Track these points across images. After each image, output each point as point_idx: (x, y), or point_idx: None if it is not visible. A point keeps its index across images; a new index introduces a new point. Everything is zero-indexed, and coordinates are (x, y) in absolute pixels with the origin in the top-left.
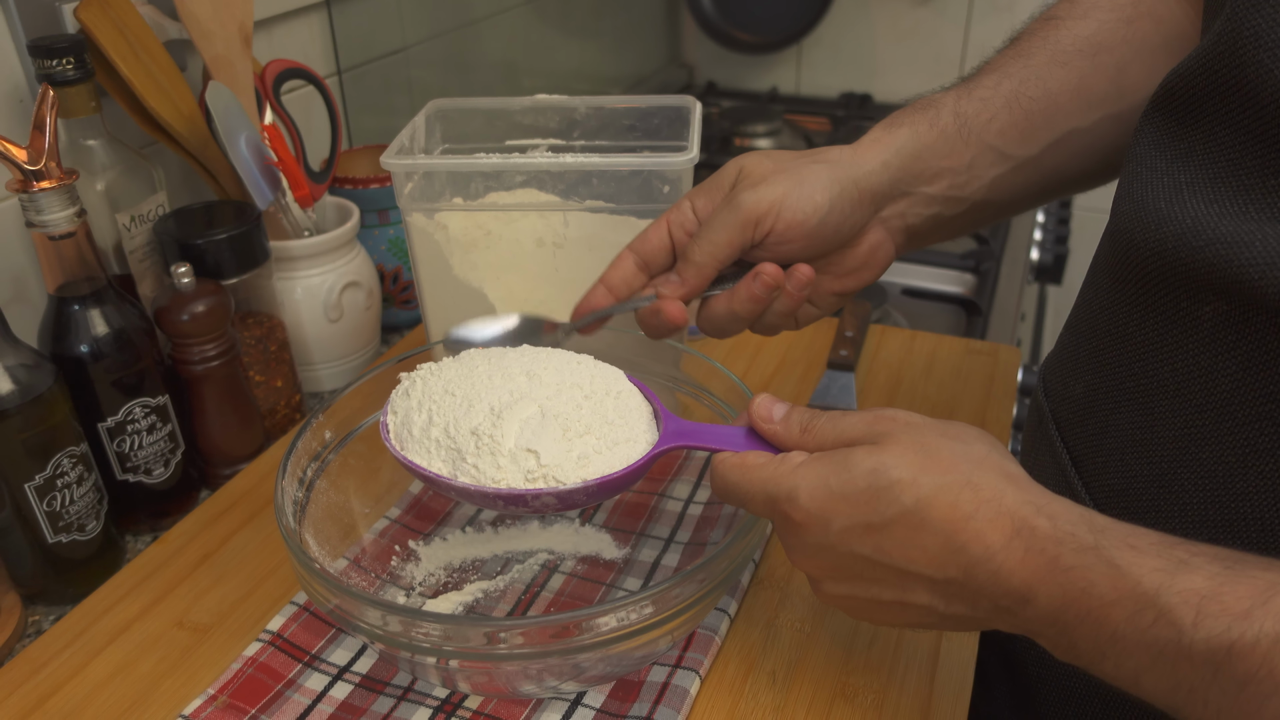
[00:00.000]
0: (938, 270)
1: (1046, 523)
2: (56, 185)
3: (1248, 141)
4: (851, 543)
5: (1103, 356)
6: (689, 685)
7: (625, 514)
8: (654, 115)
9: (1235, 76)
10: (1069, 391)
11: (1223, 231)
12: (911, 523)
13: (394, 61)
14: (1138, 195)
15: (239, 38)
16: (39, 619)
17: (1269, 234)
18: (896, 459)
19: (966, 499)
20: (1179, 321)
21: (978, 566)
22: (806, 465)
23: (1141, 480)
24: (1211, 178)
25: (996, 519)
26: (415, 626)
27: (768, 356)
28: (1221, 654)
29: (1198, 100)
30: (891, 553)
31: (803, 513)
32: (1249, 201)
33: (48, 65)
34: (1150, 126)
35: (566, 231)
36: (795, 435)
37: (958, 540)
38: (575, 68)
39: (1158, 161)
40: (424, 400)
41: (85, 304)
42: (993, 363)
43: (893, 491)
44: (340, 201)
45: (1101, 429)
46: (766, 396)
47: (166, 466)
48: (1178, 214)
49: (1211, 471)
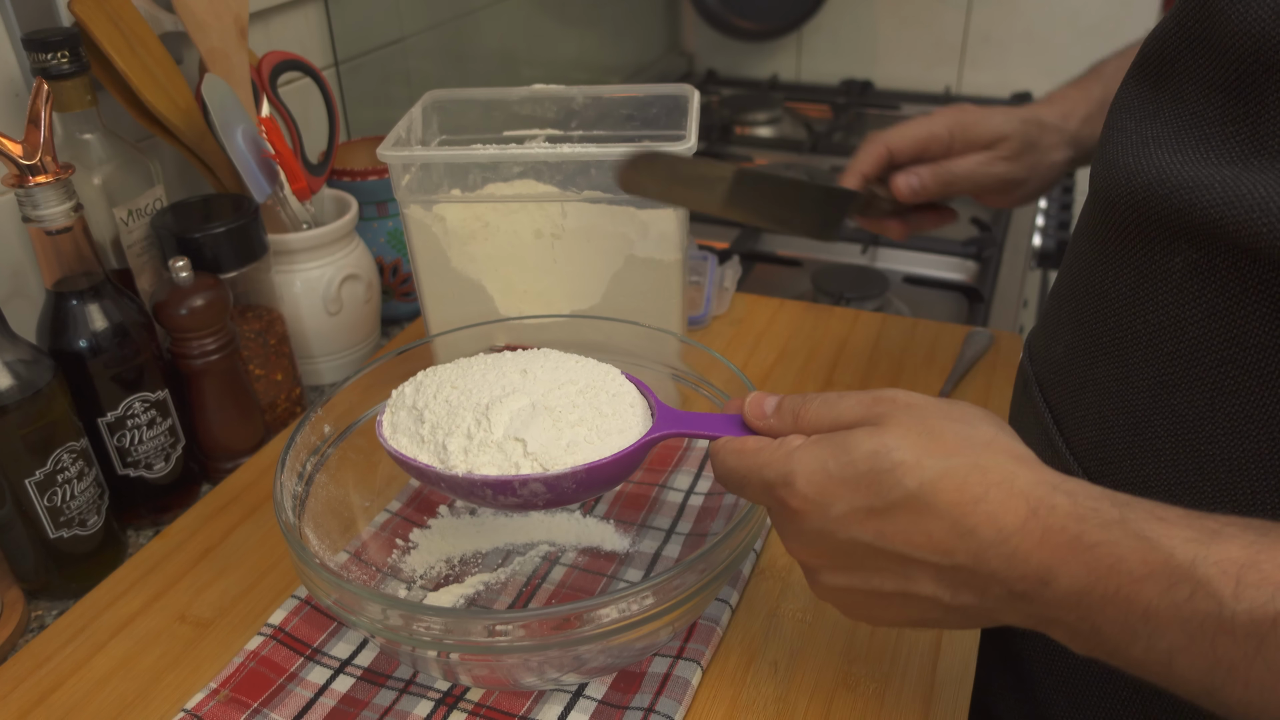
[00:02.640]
0: (940, 258)
1: (1066, 500)
2: (52, 180)
3: (1211, 93)
4: (852, 528)
5: (1082, 316)
6: (690, 676)
7: (626, 505)
8: (652, 104)
9: (1205, 30)
10: (1051, 354)
11: (1185, 177)
12: (916, 507)
13: (392, 53)
14: (1109, 156)
15: (235, 30)
16: (41, 614)
17: (1227, 176)
18: (899, 440)
19: (975, 481)
20: (1151, 274)
21: (990, 550)
22: (804, 449)
23: (1117, 430)
24: (1176, 131)
25: (1009, 500)
26: (416, 620)
27: (768, 346)
28: (1267, 625)
29: (1169, 60)
30: (894, 539)
31: (800, 498)
32: (1210, 149)
33: (43, 59)
34: (1124, 92)
35: (565, 222)
36: (789, 423)
37: (966, 524)
38: (574, 57)
39: (1127, 122)
40: (419, 396)
41: (83, 299)
42: (995, 349)
43: (895, 474)
44: (339, 194)
45: (1080, 384)
46: (759, 394)
47: (167, 461)
48: (1145, 166)
49: (1182, 416)
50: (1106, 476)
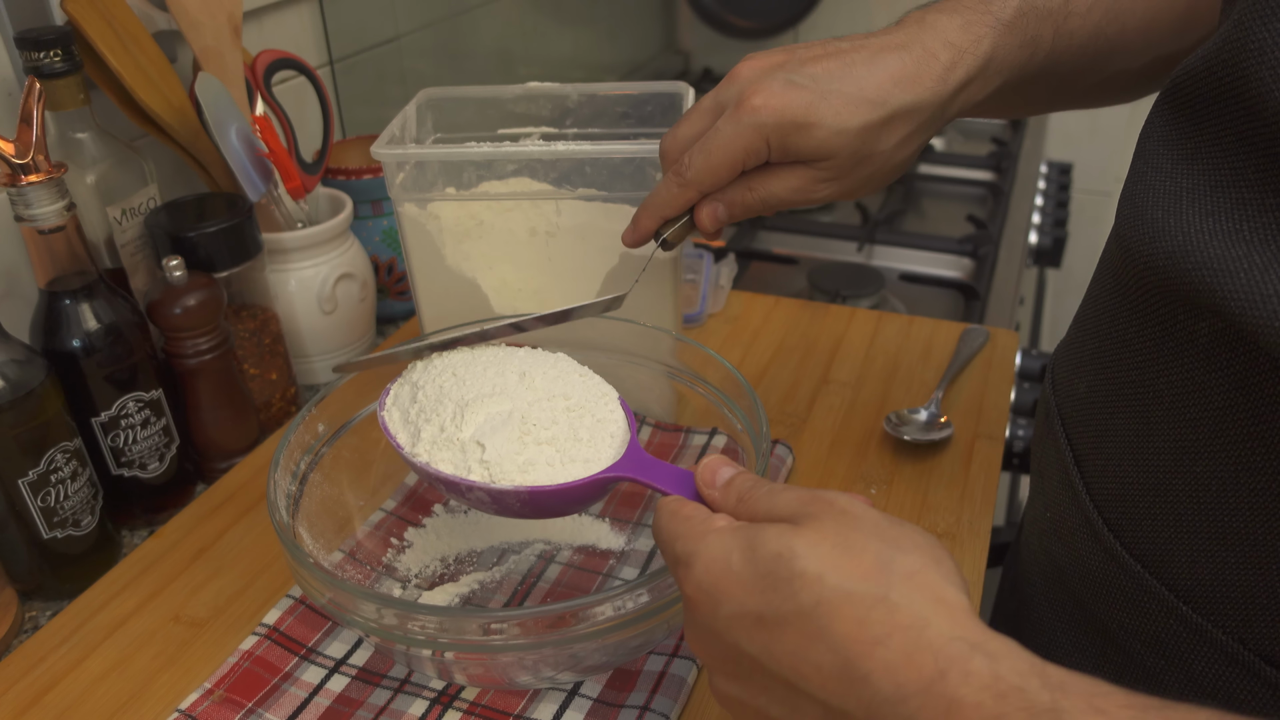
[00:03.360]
0: (935, 255)
1: (985, 666)
2: (45, 179)
3: (1250, 152)
4: (739, 635)
5: (1104, 358)
6: (686, 674)
7: (622, 503)
8: (647, 102)
9: (1238, 87)
10: (1074, 388)
11: (1211, 255)
12: (807, 629)
13: (387, 51)
14: (1140, 200)
15: (228, 28)
16: (35, 614)
17: (1255, 261)
18: (808, 548)
19: (878, 619)
20: (1175, 334)
21: (884, 708)
22: (718, 533)
23: (1138, 488)
24: (1213, 184)
25: (915, 653)
26: (411, 619)
27: (764, 344)
28: None
29: (1204, 101)
30: (781, 660)
31: (694, 585)
32: (1244, 217)
33: (35, 58)
34: (1160, 120)
35: (559, 220)
36: (731, 503)
37: (859, 668)
38: (570, 55)
39: (1163, 162)
40: (424, 375)
41: (77, 298)
42: (991, 346)
43: (792, 585)
44: (333, 193)
45: (1101, 431)
46: (716, 458)
47: (161, 461)
48: (1173, 227)
49: (1205, 484)
50: (1128, 533)
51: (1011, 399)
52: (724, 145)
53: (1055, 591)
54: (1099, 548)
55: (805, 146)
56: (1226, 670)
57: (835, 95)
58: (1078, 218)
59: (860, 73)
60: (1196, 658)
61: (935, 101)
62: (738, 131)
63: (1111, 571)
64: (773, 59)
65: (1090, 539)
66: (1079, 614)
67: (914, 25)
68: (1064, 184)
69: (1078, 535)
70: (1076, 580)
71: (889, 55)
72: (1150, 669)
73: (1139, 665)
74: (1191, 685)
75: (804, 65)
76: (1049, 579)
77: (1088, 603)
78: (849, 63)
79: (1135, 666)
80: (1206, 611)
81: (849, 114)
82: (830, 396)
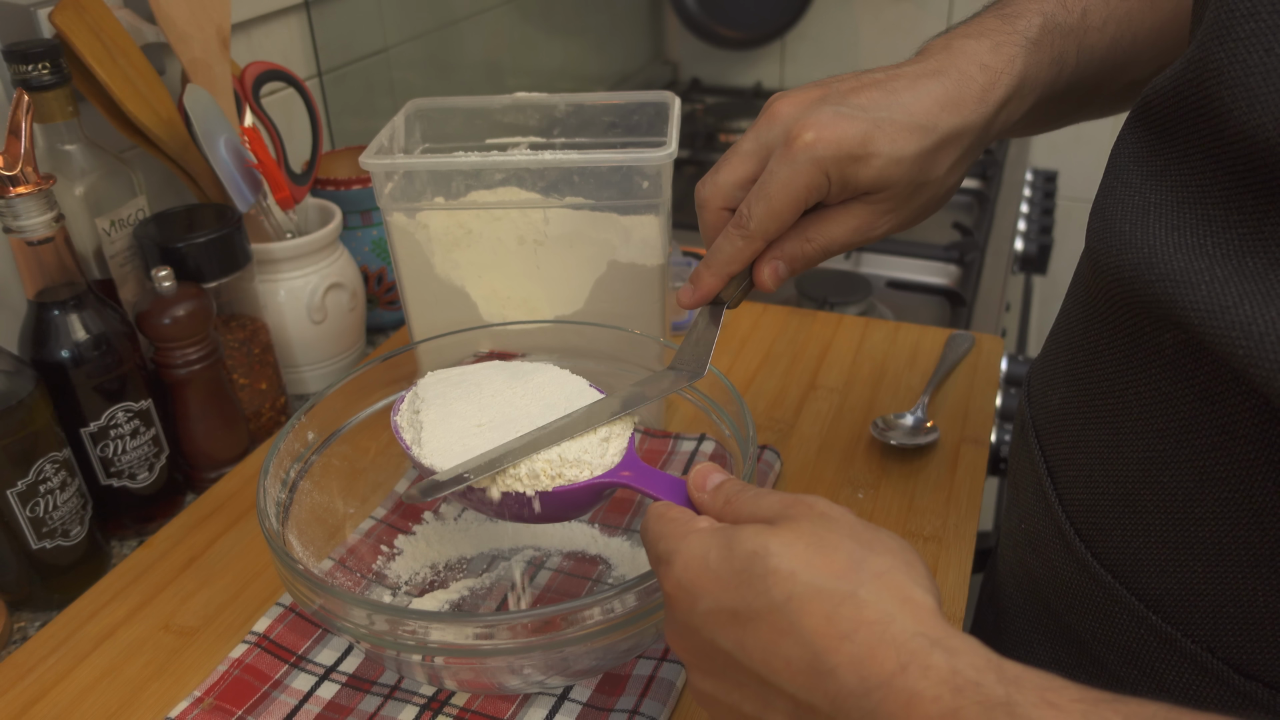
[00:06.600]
0: (922, 262)
1: (943, 660)
2: (33, 190)
3: (1216, 170)
4: (715, 630)
5: (1076, 371)
6: (675, 678)
7: (610, 509)
8: (634, 112)
9: (1203, 106)
10: (1047, 400)
11: (1175, 268)
12: (778, 624)
13: (375, 63)
14: (1109, 213)
15: (217, 40)
16: (24, 625)
17: (1216, 274)
18: (782, 547)
19: (846, 615)
20: (1143, 346)
21: (849, 701)
22: (699, 533)
23: (1109, 499)
24: (1180, 200)
25: (878, 647)
26: (401, 624)
27: (752, 351)
28: None
29: (1172, 119)
30: (753, 654)
31: (673, 583)
32: (1209, 232)
33: (23, 70)
34: (1131, 136)
35: (547, 229)
36: (718, 506)
37: (827, 662)
38: (558, 66)
39: (1133, 177)
40: (446, 386)
41: (65, 309)
42: (977, 352)
43: (766, 581)
44: (322, 203)
45: (1074, 442)
46: (707, 465)
47: (151, 471)
48: (1139, 240)
49: (1173, 495)
50: (1099, 544)
51: (997, 404)
52: (783, 186)
53: (1031, 604)
54: (1071, 559)
55: (864, 178)
56: (1196, 679)
57: (887, 123)
58: (1063, 225)
59: (906, 99)
60: (1167, 667)
61: (979, 123)
62: (795, 170)
63: (1084, 582)
64: (809, 94)
65: (1063, 550)
66: (1054, 626)
67: (942, 52)
68: (1049, 191)
69: (1051, 547)
70: (1051, 592)
71: (929, 81)
72: (1124, 680)
73: (1113, 676)
74: (1163, 695)
75: (847, 96)
76: (1025, 592)
77: (1062, 614)
78: (892, 90)
79: (1109, 678)
80: (1176, 621)
81: (904, 141)
82: (818, 402)
